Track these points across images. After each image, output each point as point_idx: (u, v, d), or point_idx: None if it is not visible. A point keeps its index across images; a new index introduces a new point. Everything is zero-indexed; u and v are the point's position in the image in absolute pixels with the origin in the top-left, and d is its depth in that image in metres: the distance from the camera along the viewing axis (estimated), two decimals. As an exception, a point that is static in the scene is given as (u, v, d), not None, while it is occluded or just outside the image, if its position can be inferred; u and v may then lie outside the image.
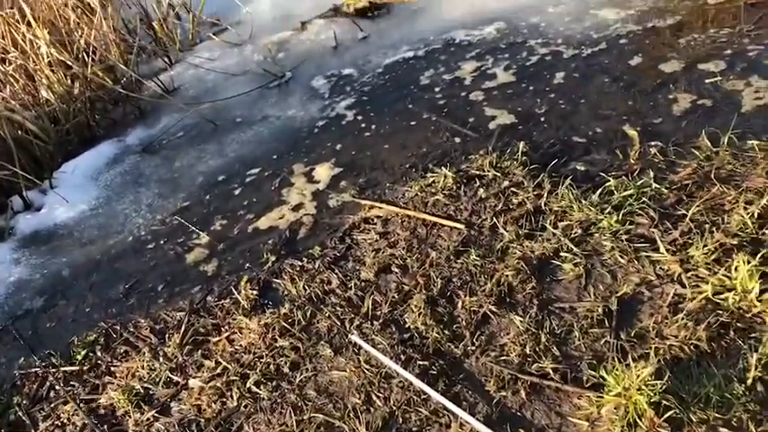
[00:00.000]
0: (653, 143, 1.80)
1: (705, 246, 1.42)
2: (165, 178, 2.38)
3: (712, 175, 1.60)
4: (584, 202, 1.63)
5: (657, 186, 1.62)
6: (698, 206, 1.52)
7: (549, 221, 1.63)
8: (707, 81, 1.98)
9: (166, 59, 3.15)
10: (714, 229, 1.47)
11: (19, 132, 2.53)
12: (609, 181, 1.66)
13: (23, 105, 2.68)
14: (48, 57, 2.78)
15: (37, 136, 2.57)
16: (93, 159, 2.55)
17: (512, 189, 1.77)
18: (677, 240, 1.47)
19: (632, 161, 1.75)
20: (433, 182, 1.90)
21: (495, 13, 2.74)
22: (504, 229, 1.65)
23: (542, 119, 2.07)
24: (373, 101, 2.47)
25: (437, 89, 2.41)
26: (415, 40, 2.77)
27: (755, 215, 1.44)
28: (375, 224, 1.84)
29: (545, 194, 1.70)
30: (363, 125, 2.34)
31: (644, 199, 1.58)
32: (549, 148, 1.93)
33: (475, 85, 2.35)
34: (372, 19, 3.04)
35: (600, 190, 1.65)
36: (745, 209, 1.46)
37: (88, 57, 2.83)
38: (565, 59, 2.32)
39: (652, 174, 1.67)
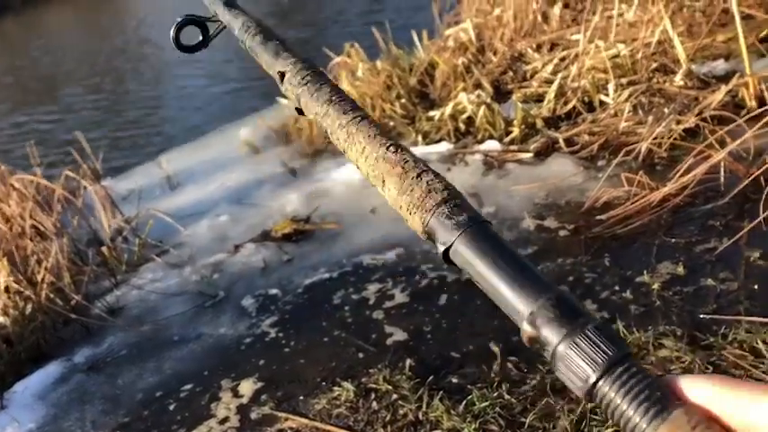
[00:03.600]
0: (511, 358, 2.27)
1: (539, 447, 1.84)
2: (108, 395, 2.69)
3: (547, 388, 2.06)
4: (452, 412, 2.05)
5: (509, 397, 2.06)
6: (535, 413, 1.96)
7: (425, 430, 2.03)
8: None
9: (113, 280, 3.56)
10: (548, 432, 1.90)
11: (-25, 356, 2.84)
12: (472, 393, 2.10)
13: (-21, 328, 3.01)
14: (5, 284, 3.16)
15: (-9, 358, 2.88)
16: (42, 379, 2.85)
17: (399, 401, 2.18)
18: (521, 443, 1.89)
19: (493, 374, 2.21)
20: (338, 395, 2.30)
21: (396, 240, 3.30)
22: (392, 437, 2.04)
23: (429, 336, 2.54)
24: (293, 319, 2.91)
25: (347, 308, 2.88)
26: (331, 263, 3.28)
27: (574, 421, 1.89)
28: (288, 435, 2.20)
29: (424, 406, 2.12)
30: (284, 341, 2.76)
31: (497, 408, 2.01)
32: (432, 362, 2.38)
33: (377, 305, 2.83)
34: (297, 242, 3.57)
35: (465, 401, 2.08)
36: (568, 416, 1.91)
37: (42, 282, 3.23)
38: (449, 283, 2.85)
39: (506, 386, 2.12)
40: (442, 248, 0.46)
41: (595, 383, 0.38)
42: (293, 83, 0.62)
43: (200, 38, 0.80)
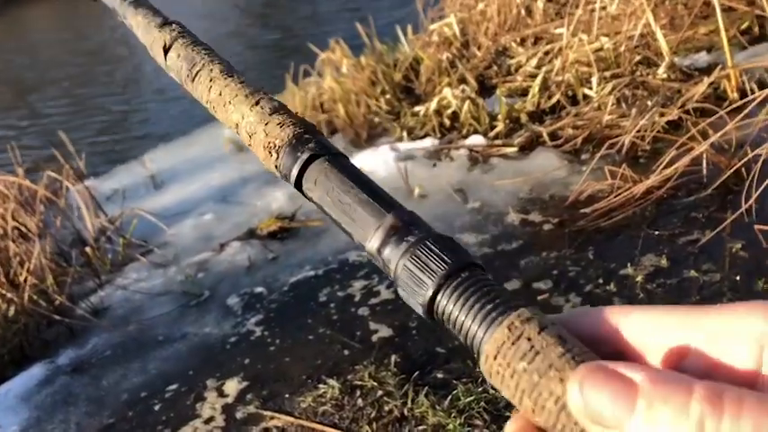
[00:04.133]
0: (496, 352, 2.27)
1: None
2: (92, 397, 2.67)
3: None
4: (437, 407, 2.05)
5: (493, 392, 2.06)
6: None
7: (410, 426, 2.03)
8: (538, 298, 2.52)
9: (97, 280, 3.53)
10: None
11: (-43, 360, 2.81)
12: (457, 388, 2.10)
13: (-39, 332, 2.98)
14: (-12, 286, 3.13)
15: (-27, 361, 2.85)
16: (25, 381, 2.83)
17: (384, 398, 2.18)
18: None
19: (478, 370, 2.20)
20: (324, 392, 2.29)
21: (382, 236, 3.29)
22: (377, 434, 2.04)
23: (414, 332, 2.54)
24: (279, 317, 2.90)
25: (332, 305, 2.87)
26: (317, 260, 3.27)
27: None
28: (274, 433, 2.19)
29: (409, 402, 2.12)
30: (269, 340, 2.75)
31: (482, 403, 2.01)
32: (418, 358, 2.38)
33: (363, 302, 2.83)
34: (282, 240, 3.55)
35: (450, 396, 2.08)
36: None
37: (25, 283, 3.20)
38: (434, 278, 2.84)
39: (491, 380, 2.11)
40: (293, 178, 0.44)
41: (435, 295, 0.36)
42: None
43: None
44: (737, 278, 2.31)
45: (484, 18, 4.88)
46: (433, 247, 0.37)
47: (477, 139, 3.91)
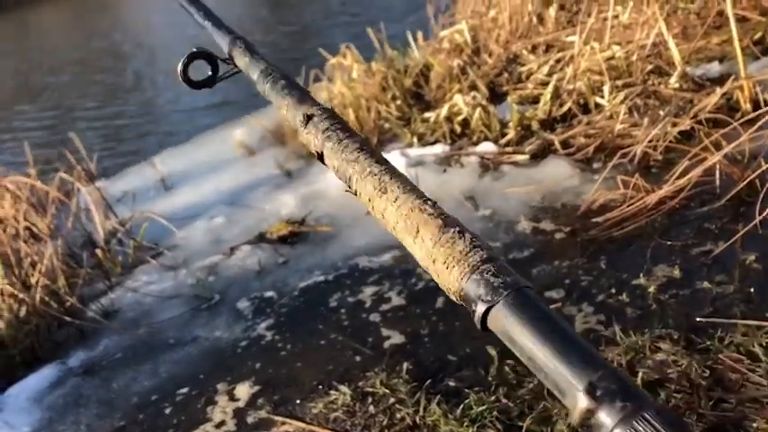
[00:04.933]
0: (509, 361, 2.27)
1: (537, 452, 1.84)
2: (103, 399, 2.68)
3: (545, 392, 2.06)
4: (449, 416, 2.05)
5: (506, 401, 2.06)
6: (532, 418, 1.96)
7: (422, 434, 2.03)
8: (551, 307, 2.51)
9: (107, 282, 3.54)
10: (545, 436, 1.90)
11: (-31, 360, 2.82)
12: (470, 396, 2.10)
13: (-27, 332, 2.99)
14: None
15: (-15, 362, 2.86)
16: (37, 382, 2.84)
17: (396, 405, 2.18)
18: (518, 447, 1.89)
19: (490, 378, 2.21)
20: (335, 399, 2.29)
21: (392, 242, 3.28)
22: (389, 441, 2.04)
23: (426, 339, 2.54)
24: (289, 322, 2.90)
25: (343, 311, 2.87)
26: (327, 265, 3.27)
27: (571, 425, 1.89)
28: (285, 439, 2.19)
29: (421, 410, 2.12)
30: (280, 344, 2.75)
31: (494, 412, 2.01)
32: (430, 365, 2.38)
33: (374, 308, 2.83)
34: (292, 245, 3.56)
35: (463, 405, 2.08)
36: (566, 420, 1.91)
37: (36, 285, 3.21)
38: (445, 286, 2.85)
39: (503, 390, 2.12)
40: (481, 309, 0.44)
41: None
42: (320, 127, 0.61)
43: (209, 74, 0.77)
44: (751, 290, 2.30)
45: (495, 25, 4.89)
46: (654, 422, 0.35)
47: (487, 147, 3.91)
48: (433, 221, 0.49)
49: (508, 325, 0.42)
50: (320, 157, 0.61)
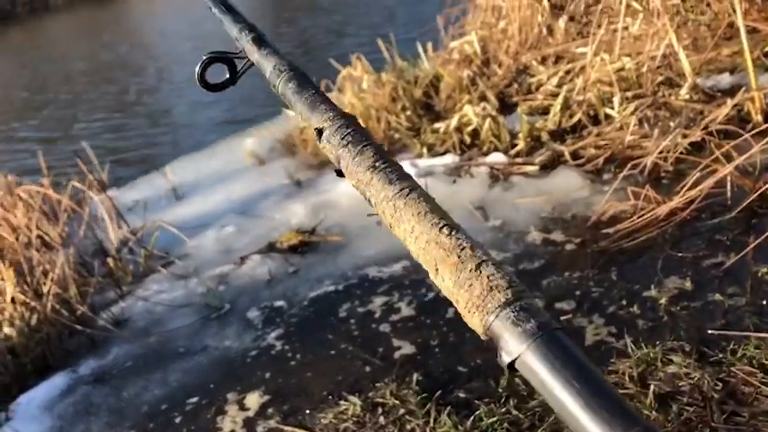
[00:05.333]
0: (519, 373, 2.26)
1: (548, 464, 1.83)
2: (113, 408, 2.69)
3: (556, 403, 2.05)
4: (460, 428, 2.04)
5: (516, 413, 2.05)
6: (543, 430, 1.95)
7: (433, 445, 2.02)
8: (561, 318, 2.51)
9: (118, 291, 3.56)
10: (556, 449, 1.89)
11: (-19, 367, 2.84)
12: (480, 408, 2.09)
13: (-15, 339, 3.01)
14: (11, 295, 3.16)
15: (-3, 370, 2.88)
16: (47, 390, 2.85)
17: (406, 416, 2.18)
18: (529, 459, 1.88)
19: (501, 390, 2.20)
20: (345, 409, 2.29)
21: (402, 252, 3.29)
22: (399, 453, 2.03)
23: (436, 350, 2.53)
24: (299, 331, 2.90)
25: (353, 321, 2.87)
26: (336, 275, 3.28)
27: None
28: (295, 449, 2.19)
29: (431, 421, 2.11)
30: (290, 354, 2.76)
31: (505, 424, 2.01)
32: (440, 376, 2.37)
33: (384, 318, 2.83)
34: (302, 254, 3.56)
35: (473, 416, 2.07)
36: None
37: (48, 293, 3.23)
38: (455, 296, 2.84)
39: (514, 401, 2.11)
40: (507, 360, 0.42)
41: None
42: (332, 142, 0.57)
43: (227, 75, 0.76)
44: (763, 302, 2.29)
45: (505, 36, 4.90)
46: None
47: (497, 157, 3.91)
48: (449, 258, 0.45)
49: (537, 371, 0.41)
50: (339, 173, 0.58)
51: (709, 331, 2.20)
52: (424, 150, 4.24)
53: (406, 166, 4.06)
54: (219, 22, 0.87)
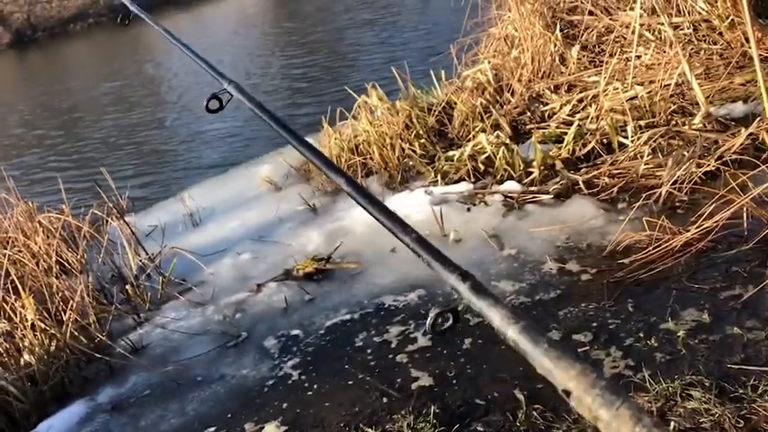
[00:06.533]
0: (537, 406, 2.27)
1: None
2: (131, 437, 2.71)
3: (575, 438, 2.05)
4: (479, 462, 2.05)
5: (535, 447, 2.06)
6: (563, 466, 1.95)
7: (451, 480, 2.03)
8: (579, 350, 2.51)
9: (136, 318, 3.59)
10: (576, 485, 1.89)
11: None
12: (499, 442, 2.10)
13: (4, 367, 3.05)
14: (31, 321, 3.20)
15: (16, 398, 2.91)
16: (66, 418, 2.87)
17: (424, 449, 2.18)
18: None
19: (518, 423, 2.20)
20: (363, 441, 2.30)
21: (418, 281, 3.31)
22: (418, 487, 2.03)
23: (453, 381, 2.54)
24: (316, 361, 2.92)
25: (369, 350, 2.88)
26: (352, 303, 3.29)
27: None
28: (313, 482, 2.20)
29: (450, 455, 2.12)
30: (306, 384, 2.77)
31: (524, 459, 2.01)
32: (457, 409, 2.38)
33: (400, 348, 2.84)
34: (318, 282, 3.59)
35: (492, 450, 2.08)
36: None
37: (68, 320, 3.26)
38: (471, 326, 2.85)
39: (532, 435, 2.11)
40: None
41: None
42: (587, 402, 0.57)
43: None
44: (782, 336, 2.28)
45: (518, 65, 4.95)
46: None
47: (511, 185, 3.93)
48: None
49: None
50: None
51: (729, 366, 2.19)
52: (438, 178, 4.27)
53: (421, 193, 4.09)
54: (428, 267, 0.86)
